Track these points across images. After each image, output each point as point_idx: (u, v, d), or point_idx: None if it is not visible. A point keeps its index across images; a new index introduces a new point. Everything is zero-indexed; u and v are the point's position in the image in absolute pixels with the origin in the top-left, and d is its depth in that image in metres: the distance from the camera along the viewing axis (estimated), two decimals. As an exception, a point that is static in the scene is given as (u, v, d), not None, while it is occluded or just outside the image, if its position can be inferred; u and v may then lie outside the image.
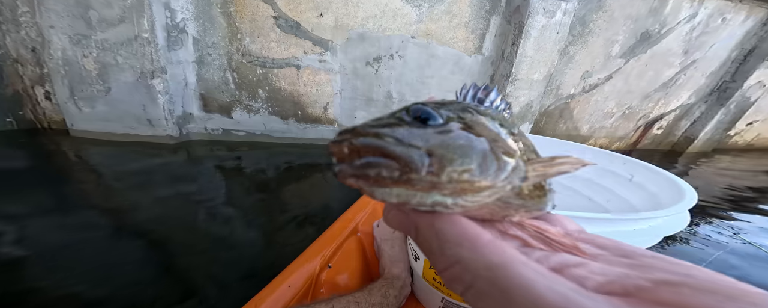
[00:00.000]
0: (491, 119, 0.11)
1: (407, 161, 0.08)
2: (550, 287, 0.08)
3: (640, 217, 0.25)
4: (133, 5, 1.06)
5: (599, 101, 2.12)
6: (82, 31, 1.05)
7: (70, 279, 0.56)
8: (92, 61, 1.09)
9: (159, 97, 1.18)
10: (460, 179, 0.08)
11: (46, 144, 1.14)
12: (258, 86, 1.54)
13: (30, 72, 1.12)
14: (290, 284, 0.41)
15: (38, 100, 1.17)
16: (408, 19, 1.58)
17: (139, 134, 1.25)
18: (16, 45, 1.08)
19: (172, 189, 0.97)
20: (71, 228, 0.70)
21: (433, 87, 1.76)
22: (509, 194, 0.10)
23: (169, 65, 1.21)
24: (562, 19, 1.71)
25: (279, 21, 1.46)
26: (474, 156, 0.09)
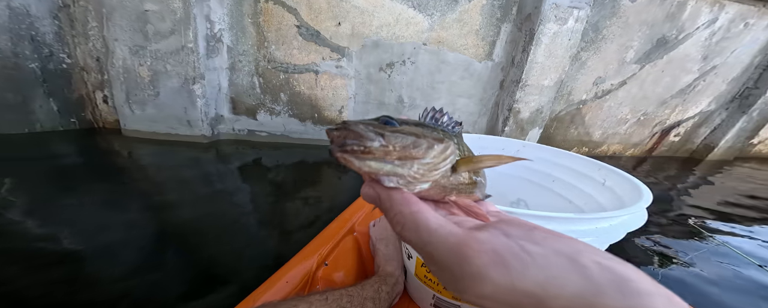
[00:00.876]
0: (433, 129, 0.17)
1: (368, 137, 0.13)
2: (436, 219, 0.13)
3: (600, 217, 0.28)
4: (181, 18, 1.18)
5: (612, 106, 2.09)
6: (140, 42, 1.19)
7: (106, 263, 0.62)
8: (146, 69, 1.22)
9: (198, 100, 1.30)
10: (400, 150, 0.13)
11: (101, 142, 1.28)
12: (280, 90, 1.66)
13: (93, 79, 1.28)
14: (288, 280, 0.43)
15: (97, 103, 1.33)
16: (420, 27, 1.64)
17: (179, 134, 1.37)
18: (84, 55, 1.25)
19: (202, 184, 1.06)
20: (115, 217, 0.78)
21: (443, 92, 1.81)
22: (445, 181, 0.16)
23: (207, 72, 1.32)
24: (574, 26, 1.70)
25: (301, 30, 1.58)
26: (409, 139, 0.14)
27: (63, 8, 1.17)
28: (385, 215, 0.15)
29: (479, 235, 0.12)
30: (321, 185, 1.22)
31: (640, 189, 0.35)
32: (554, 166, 0.52)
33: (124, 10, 1.15)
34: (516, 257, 0.11)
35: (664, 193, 1.56)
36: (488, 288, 0.11)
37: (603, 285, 0.10)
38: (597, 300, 0.10)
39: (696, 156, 2.33)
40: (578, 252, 0.11)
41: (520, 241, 0.12)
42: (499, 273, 0.11)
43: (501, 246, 0.12)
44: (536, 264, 0.11)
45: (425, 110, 0.19)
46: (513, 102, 1.82)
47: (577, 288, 0.10)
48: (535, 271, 0.11)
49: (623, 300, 0.10)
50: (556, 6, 1.61)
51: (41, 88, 1.16)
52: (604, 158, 2.32)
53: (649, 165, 2.14)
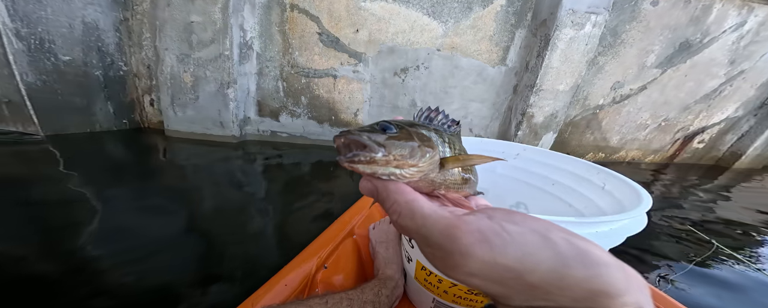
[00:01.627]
0: (427, 129, 0.18)
1: (372, 148, 0.15)
2: (429, 206, 0.15)
3: (600, 221, 0.28)
4: (220, 29, 1.32)
5: (631, 112, 2.04)
6: (186, 51, 1.34)
7: (141, 246, 0.69)
8: (189, 75, 1.38)
9: (230, 103, 1.44)
10: (399, 159, 0.15)
11: (146, 141, 1.45)
12: (301, 94, 1.77)
13: (143, 84, 1.46)
14: (286, 283, 0.43)
15: (144, 106, 1.51)
16: (434, 33, 1.69)
17: (212, 134, 1.52)
18: (137, 63, 1.42)
19: (229, 181, 1.17)
20: (154, 207, 0.89)
21: (455, 96, 1.86)
22: (434, 177, 0.17)
23: (239, 77, 1.45)
24: (591, 31, 1.68)
25: (322, 36, 1.69)
26: (407, 148, 0.16)
27: (123, 21, 1.35)
28: (383, 205, 0.17)
29: (467, 218, 0.14)
30: (335, 184, 1.29)
31: (639, 193, 0.36)
32: (554, 170, 0.52)
33: (174, 22, 1.31)
34: (497, 235, 0.13)
35: (685, 201, 1.52)
36: (474, 264, 0.12)
37: (569, 258, 0.12)
38: (565, 271, 0.11)
39: (722, 164, 2.23)
40: (548, 229, 0.13)
41: (502, 222, 0.13)
42: (483, 250, 0.12)
43: (485, 226, 0.13)
44: (514, 241, 0.12)
45: (420, 110, 0.21)
46: (527, 106, 1.84)
47: (548, 262, 0.12)
48: (514, 248, 0.12)
49: (585, 270, 0.11)
50: (573, 12, 1.61)
51: (102, 93, 1.34)
52: (622, 164, 2.25)
53: (671, 172, 2.08)
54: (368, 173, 0.16)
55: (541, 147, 2.03)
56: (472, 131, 2.01)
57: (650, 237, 1.00)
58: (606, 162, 2.32)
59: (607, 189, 0.43)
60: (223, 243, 0.76)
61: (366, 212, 0.64)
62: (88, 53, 1.25)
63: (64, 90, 1.21)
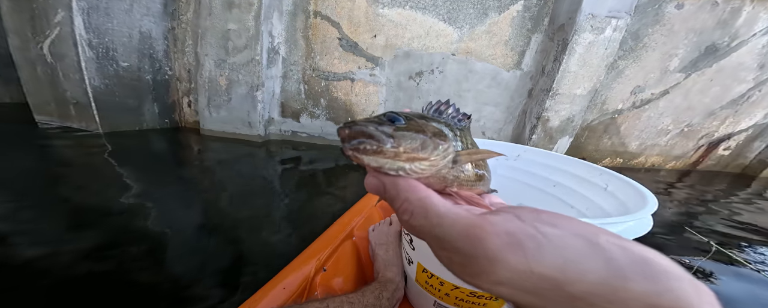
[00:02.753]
0: (437, 122, 0.18)
1: (379, 139, 0.14)
2: (444, 204, 0.14)
3: (606, 222, 0.28)
4: (253, 35, 1.47)
5: (652, 117, 2.02)
6: (222, 56, 1.50)
7: (168, 231, 0.78)
8: (224, 79, 1.54)
9: (258, 105, 1.59)
10: (409, 152, 0.15)
11: (184, 139, 1.62)
12: (321, 96, 1.91)
13: (183, 87, 1.65)
14: (285, 286, 0.43)
15: (183, 107, 1.71)
16: (450, 38, 1.77)
17: (241, 133, 1.67)
18: (179, 68, 1.61)
19: (252, 176, 1.29)
20: (187, 199, 1.02)
21: (469, 100, 1.93)
22: (446, 173, 0.17)
23: (266, 80, 1.60)
24: (612, 35, 1.68)
25: (342, 41, 1.82)
26: (418, 140, 0.15)
27: (171, 30, 1.53)
28: (392, 204, 0.15)
29: (491, 218, 0.12)
30: (349, 183, 1.37)
31: (644, 195, 0.35)
32: (555, 171, 0.53)
33: (213, 29, 1.47)
34: (532, 239, 0.11)
35: (707, 210, 1.49)
36: (504, 272, 0.11)
37: (625, 268, 0.10)
38: (619, 283, 0.10)
39: (749, 172, 2.17)
40: (595, 233, 0.11)
41: (535, 223, 0.12)
42: (516, 256, 0.11)
43: (515, 228, 0.11)
44: (553, 245, 0.11)
45: (430, 103, 0.20)
46: (542, 110, 1.89)
47: (599, 272, 0.10)
48: (553, 254, 0.11)
49: (648, 284, 0.10)
50: (593, 16, 1.63)
51: (150, 95, 1.53)
52: (641, 171, 2.22)
53: (694, 179, 2.03)
54: (374, 166, 0.15)
55: (556, 151, 2.07)
56: (485, 134, 2.09)
57: (666, 242, 1.03)
58: (624, 168, 2.28)
59: (609, 191, 0.43)
60: (243, 231, 0.85)
61: (366, 213, 0.64)
62: (142, 59, 1.44)
63: (121, 92, 1.40)
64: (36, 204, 0.83)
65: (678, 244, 0.98)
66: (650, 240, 0.86)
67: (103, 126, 1.36)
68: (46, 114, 1.36)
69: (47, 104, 1.32)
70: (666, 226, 1.17)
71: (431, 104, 0.20)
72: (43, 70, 1.26)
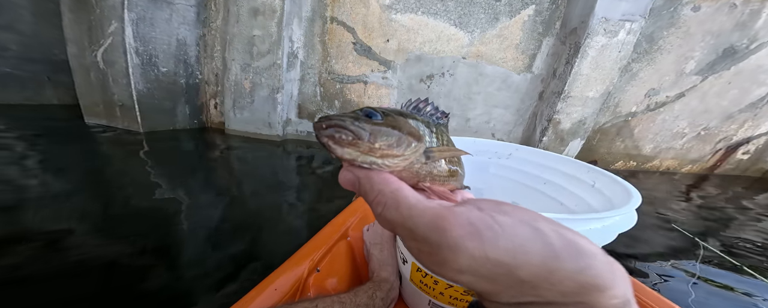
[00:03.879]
0: (414, 119, 0.19)
1: (357, 133, 0.15)
2: (414, 196, 0.15)
3: (592, 218, 0.29)
4: (275, 41, 1.61)
5: (667, 120, 2.03)
6: (247, 61, 1.65)
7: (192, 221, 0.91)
8: (248, 82, 1.69)
9: (278, 106, 1.74)
10: (384, 148, 0.15)
11: (211, 138, 1.80)
12: (335, 98, 2.05)
13: (210, 90, 1.83)
14: (276, 287, 0.43)
15: (209, 109, 1.88)
16: (460, 42, 1.85)
17: (261, 133, 1.83)
18: (208, 72, 1.78)
19: (270, 173, 1.42)
20: (212, 191, 1.15)
21: (479, 102, 2.01)
22: (419, 168, 0.18)
23: (286, 83, 1.75)
24: (625, 38, 1.72)
25: (356, 46, 1.95)
26: (393, 136, 0.16)
27: (202, 37, 1.70)
28: (366, 197, 0.16)
29: (456, 209, 0.14)
30: None
31: (629, 191, 0.37)
32: (545, 169, 0.56)
33: (240, 36, 1.62)
34: (488, 227, 0.12)
35: (725, 216, 1.50)
36: (464, 259, 0.12)
37: (560, 250, 0.12)
38: (555, 264, 0.11)
39: None
40: (536, 219, 0.13)
41: (492, 213, 0.13)
42: (474, 244, 0.12)
43: (475, 218, 0.13)
44: (505, 233, 0.12)
45: (409, 101, 0.21)
46: (553, 113, 1.95)
47: (540, 254, 0.12)
48: (505, 240, 0.12)
49: (576, 263, 0.11)
50: (606, 20, 1.67)
51: (183, 97, 1.71)
52: (655, 174, 2.23)
53: (712, 184, 2.04)
54: (348, 159, 0.16)
55: (567, 154, 2.16)
56: (495, 135, 2.18)
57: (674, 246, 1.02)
58: (638, 171, 2.30)
59: (597, 187, 0.46)
60: (259, 223, 0.96)
61: (360, 213, 0.65)
62: (178, 65, 1.62)
63: (159, 95, 1.57)
64: (83, 193, 0.99)
65: (689, 245, 0.98)
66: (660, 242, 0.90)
67: (143, 126, 1.56)
68: (95, 115, 1.55)
69: (96, 106, 1.52)
70: (679, 228, 1.18)
71: (411, 101, 0.21)
72: (95, 75, 1.45)
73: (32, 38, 1.64)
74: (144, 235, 0.80)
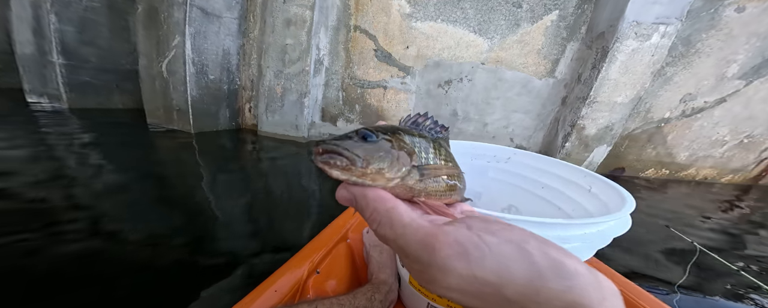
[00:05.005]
0: (411, 135, 0.20)
1: (351, 159, 0.17)
2: (408, 214, 0.16)
3: (588, 222, 0.31)
4: (305, 49, 1.82)
5: (705, 126, 1.96)
6: (280, 68, 1.87)
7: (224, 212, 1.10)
8: (280, 87, 1.92)
9: (305, 110, 1.94)
10: (376, 172, 0.17)
11: (245, 139, 2.04)
12: (356, 102, 2.22)
13: (246, 95, 2.08)
14: (276, 289, 0.44)
15: (245, 112, 2.14)
16: (479, 48, 1.92)
17: (289, 135, 2.05)
18: (245, 78, 2.04)
19: (294, 172, 1.58)
20: (244, 187, 1.34)
21: (497, 107, 2.06)
22: (413, 184, 0.19)
23: (312, 88, 1.94)
24: (659, 42, 1.70)
25: (377, 53, 2.11)
26: (386, 160, 0.17)
27: (242, 47, 1.96)
28: (362, 214, 0.17)
29: (446, 228, 0.14)
30: None
31: (623, 196, 0.39)
32: (543, 173, 0.58)
33: (275, 44, 1.84)
34: (476, 247, 0.13)
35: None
36: (452, 279, 0.13)
37: (544, 269, 0.12)
38: (540, 284, 0.12)
39: None
40: (524, 239, 0.14)
41: (479, 232, 0.14)
42: (461, 264, 0.13)
43: (463, 237, 0.14)
44: (492, 252, 0.13)
45: (408, 116, 0.22)
46: (577, 118, 1.97)
47: (525, 274, 0.12)
48: (491, 260, 0.13)
49: (561, 282, 0.12)
50: (637, 23, 1.65)
51: (225, 102, 1.97)
52: (691, 183, 2.16)
53: (756, 195, 1.95)
54: (343, 178, 0.17)
55: (592, 160, 2.18)
56: (513, 141, 2.25)
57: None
58: (671, 180, 2.23)
59: (593, 192, 0.48)
60: (283, 217, 1.10)
61: (360, 215, 0.74)
62: (222, 72, 1.88)
63: (208, 100, 1.84)
64: (150, 180, 1.23)
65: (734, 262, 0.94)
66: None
67: (194, 128, 1.84)
68: (156, 118, 1.86)
69: (157, 110, 1.83)
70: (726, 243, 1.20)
71: (409, 116, 0.22)
72: (159, 83, 1.74)
73: (107, 51, 2.02)
74: (192, 216, 1.00)
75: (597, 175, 0.48)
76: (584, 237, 0.32)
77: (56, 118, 1.79)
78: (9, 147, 1.34)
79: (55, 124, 1.71)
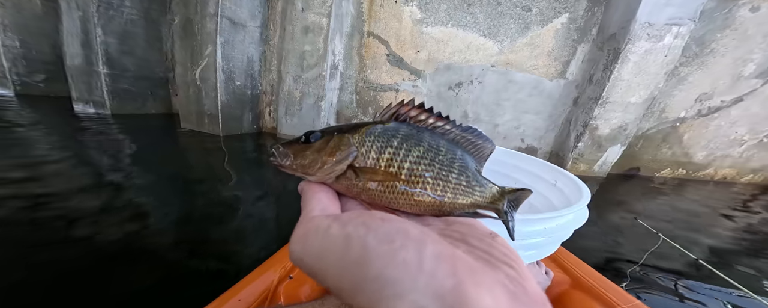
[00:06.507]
0: (365, 136, 0.21)
1: (281, 159, 0.21)
2: (321, 208, 0.19)
3: (546, 217, 0.33)
4: (322, 54, 2.01)
5: (722, 126, 2.02)
6: (298, 73, 2.06)
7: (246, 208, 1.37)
8: (298, 92, 2.11)
9: (321, 113, 2.13)
10: (303, 168, 0.21)
11: (264, 141, 2.24)
12: (369, 105, 2.42)
13: (266, 99, 2.29)
14: (241, 298, 0.43)
15: (265, 116, 2.36)
16: (490, 51, 2.06)
17: None
18: (265, 84, 2.25)
19: None
20: (263, 187, 1.51)
21: (508, 109, 2.18)
22: (350, 183, 0.21)
23: (328, 92, 2.12)
24: (672, 43, 1.79)
25: (389, 57, 2.31)
26: (309, 159, 0.21)
27: (263, 54, 2.17)
28: (302, 202, 0.20)
29: (315, 216, 0.18)
30: None
31: (580, 189, 0.42)
32: (513, 168, 0.61)
33: (294, 51, 2.04)
34: (312, 232, 0.16)
35: None
36: (292, 258, 0.16)
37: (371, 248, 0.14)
38: (350, 267, 0.14)
39: None
40: (367, 225, 0.15)
41: (337, 219, 0.16)
42: (294, 246, 0.16)
43: (312, 223, 0.17)
44: (318, 237, 0.15)
45: (389, 106, 0.23)
46: (589, 119, 2.08)
47: (336, 254, 0.14)
48: (317, 244, 0.15)
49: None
50: (649, 25, 1.75)
51: (248, 106, 2.19)
52: (710, 183, 2.21)
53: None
54: (289, 172, 0.21)
55: (606, 161, 2.30)
56: (524, 141, 2.41)
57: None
58: (688, 179, 2.28)
59: (558, 186, 0.50)
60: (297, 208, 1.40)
61: None
62: (247, 79, 2.10)
63: (234, 105, 2.05)
64: (182, 178, 1.43)
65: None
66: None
67: (223, 131, 2.13)
68: (189, 122, 2.10)
69: (190, 115, 2.08)
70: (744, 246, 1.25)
71: (391, 105, 0.23)
72: (193, 90, 1.97)
73: (143, 60, 2.32)
74: (220, 208, 1.18)
75: (560, 169, 0.52)
76: (544, 231, 0.34)
77: (102, 123, 2.11)
78: (59, 150, 1.60)
79: (103, 129, 2.02)
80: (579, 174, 2.22)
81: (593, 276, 0.60)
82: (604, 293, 0.55)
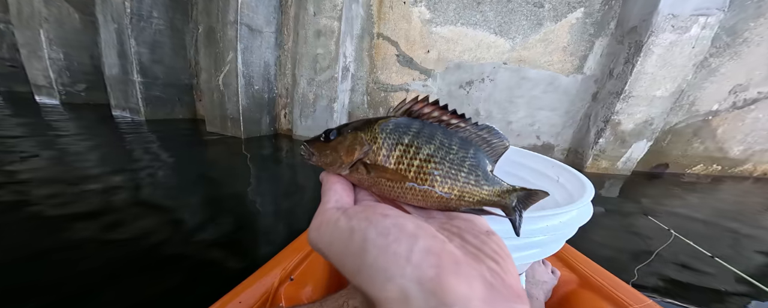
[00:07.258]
0: (378, 134, 0.23)
1: (307, 155, 0.24)
2: (337, 199, 0.21)
3: (549, 214, 0.33)
4: (334, 57, 2.11)
5: (761, 118, 1.89)
6: (312, 76, 2.18)
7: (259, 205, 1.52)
8: (312, 94, 2.23)
9: (334, 114, 2.23)
10: (324, 163, 0.23)
11: (282, 143, 2.38)
12: (380, 105, 2.50)
13: (282, 102, 2.44)
14: (241, 300, 0.44)
15: (281, 118, 2.51)
16: (501, 49, 2.07)
17: None
18: (281, 87, 2.40)
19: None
20: (278, 187, 1.64)
21: (521, 106, 2.17)
22: (361, 177, 0.23)
23: (340, 93, 2.23)
24: (700, 33, 1.75)
25: (399, 57, 2.39)
26: (328, 157, 0.23)
27: (278, 58, 2.32)
28: (321, 191, 0.22)
29: (328, 208, 0.20)
30: None
31: (584, 184, 0.42)
32: (514, 164, 0.61)
33: (307, 55, 2.15)
34: (325, 223, 0.19)
35: None
36: (310, 242, 0.19)
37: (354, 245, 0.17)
38: (349, 256, 0.17)
39: None
40: (369, 219, 0.18)
41: (348, 214, 0.19)
42: (313, 234, 0.19)
43: (325, 215, 0.19)
44: (329, 228, 0.18)
45: (403, 101, 0.24)
46: (611, 114, 2.03)
47: (341, 247, 0.17)
48: (325, 234, 0.18)
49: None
50: (673, 16, 1.71)
51: (265, 109, 2.34)
52: (749, 180, 2.10)
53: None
54: (317, 166, 0.24)
55: (630, 157, 2.25)
56: (540, 138, 2.41)
57: None
58: (724, 176, 2.18)
59: (561, 182, 0.50)
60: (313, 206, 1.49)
61: None
62: (264, 83, 2.25)
63: (253, 108, 2.20)
64: (206, 178, 1.57)
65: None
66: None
67: (244, 134, 2.30)
68: (213, 126, 2.27)
69: (215, 118, 2.27)
70: None
71: (405, 101, 0.24)
72: (216, 95, 2.14)
73: (170, 68, 2.57)
74: (240, 204, 1.30)
75: (563, 165, 0.51)
76: (546, 229, 0.34)
77: (138, 128, 2.37)
78: (105, 157, 1.79)
79: (140, 134, 2.28)
80: (601, 171, 2.21)
81: (602, 275, 0.59)
82: (614, 292, 0.54)
